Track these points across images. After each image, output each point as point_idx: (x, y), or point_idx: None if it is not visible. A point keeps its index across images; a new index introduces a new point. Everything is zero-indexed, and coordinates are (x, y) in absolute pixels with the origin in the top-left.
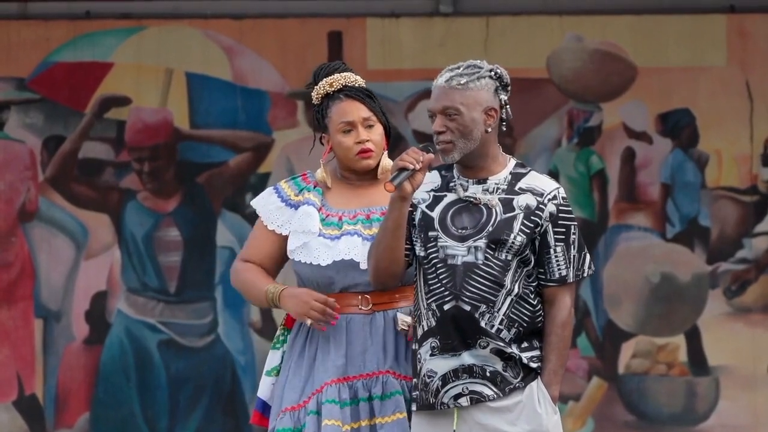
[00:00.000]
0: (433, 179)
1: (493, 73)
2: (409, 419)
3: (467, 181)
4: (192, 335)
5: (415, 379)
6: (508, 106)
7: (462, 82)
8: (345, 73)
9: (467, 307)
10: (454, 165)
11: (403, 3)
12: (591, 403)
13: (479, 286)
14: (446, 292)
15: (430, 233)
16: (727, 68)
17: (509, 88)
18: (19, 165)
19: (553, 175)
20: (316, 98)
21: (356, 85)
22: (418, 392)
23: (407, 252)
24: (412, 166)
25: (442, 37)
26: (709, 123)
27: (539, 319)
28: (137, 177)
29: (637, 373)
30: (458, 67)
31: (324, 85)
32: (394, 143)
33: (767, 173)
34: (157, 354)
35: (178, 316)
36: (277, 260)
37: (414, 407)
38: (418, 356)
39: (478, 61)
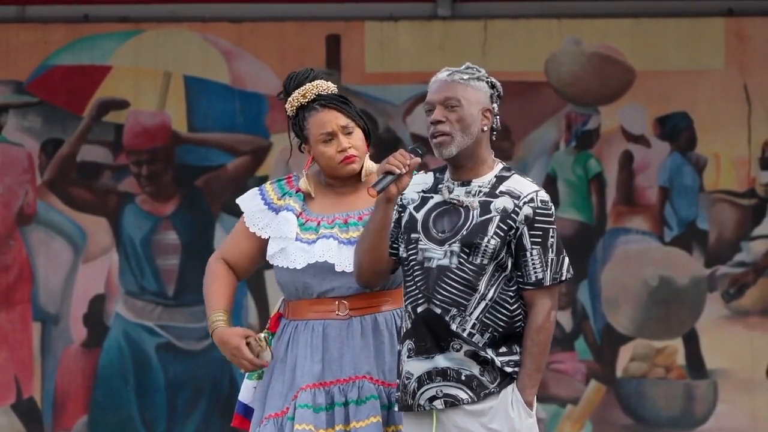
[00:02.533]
0: (426, 180)
1: (489, 80)
2: (386, 422)
3: (453, 183)
4: (190, 338)
5: (398, 380)
6: (498, 117)
7: (464, 78)
8: (316, 82)
9: (438, 310)
10: (449, 167)
11: (402, 6)
12: (589, 407)
13: (450, 289)
14: (419, 295)
15: (413, 235)
16: (725, 72)
17: (500, 100)
18: (17, 168)
19: (552, 178)
20: (291, 110)
21: (329, 92)
22: (399, 393)
23: (396, 252)
24: (398, 171)
25: (440, 41)
26: (707, 126)
27: (518, 324)
28: (135, 180)
29: (635, 376)
30: (459, 68)
31: (297, 97)
32: (392, 146)
33: (765, 176)
34: (155, 357)
35: (177, 320)
36: (253, 259)
37: (396, 408)
38: (400, 357)
39: (477, 66)
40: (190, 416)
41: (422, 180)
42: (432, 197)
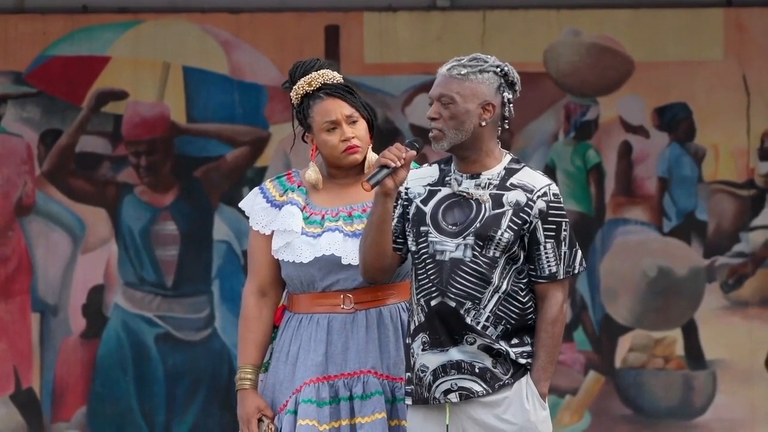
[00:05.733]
0: (431, 173)
1: (498, 69)
2: (390, 416)
3: (461, 176)
4: (189, 329)
5: (409, 374)
6: (511, 105)
7: (462, 72)
8: (322, 71)
9: (452, 304)
10: (453, 159)
11: None
12: (588, 397)
13: (465, 282)
14: (433, 288)
15: (422, 228)
16: (724, 62)
17: (516, 87)
18: (16, 159)
19: (550, 169)
20: (296, 99)
21: (335, 82)
22: (412, 386)
23: (401, 246)
24: (393, 164)
25: (439, 32)
26: (706, 117)
27: (530, 315)
28: (134, 171)
29: (634, 367)
30: (464, 58)
31: (302, 85)
32: (392, 137)
33: (764, 167)
34: (154, 348)
35: (175, 310)
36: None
37: (410, 401)
38: (412, 351)
39: (486, 56)
40: (189, 407)
41: (427, 173)
42: (440, 190)
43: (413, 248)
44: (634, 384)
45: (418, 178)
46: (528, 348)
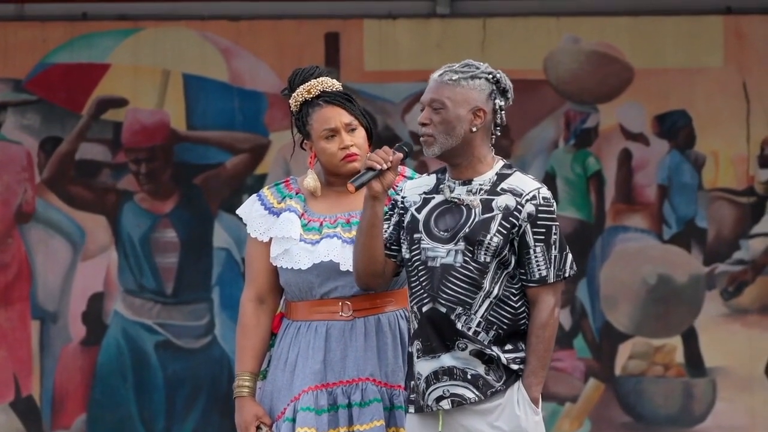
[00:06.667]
0: (428, 182)
1: (490, 76)
2: (388, 424)
3: (454, 183)
4: (189, 337)
5: (413, 382)
6: (503, 112)
7: (454, 78)
8: (321, 78)
9: (443, 309)
10: (448, 167)
11: (401, 4)
12: (588, 405)
13: (455, 288)
14: (424, 294)
15: (415, 235)
16: (723, 69)
17: (509, 94)
18: (16, 166)
19: (550, 176)
20: (295, 106)
21: (334, 89)
22: (414, 395)
23: (395, 254)
24: (379, 167)
25: (439, 39)
26: (705, 124)
27: (522, 321)
28: (134, 178)
29: (633, 374)
30: (455, 65)
31: (302, 93)
32: (391, 144)
33: (764, 174)
34: (154, 355)
35: (175, 318)
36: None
37: (412, 409)
38: (411, 358)
39: (478, 63)
40: (188, 414)
41: (424, 182)
42: (433, 197)
43: (407, 256)
44: (634, 391)
45: (416, 187)
46: (521, 354)
